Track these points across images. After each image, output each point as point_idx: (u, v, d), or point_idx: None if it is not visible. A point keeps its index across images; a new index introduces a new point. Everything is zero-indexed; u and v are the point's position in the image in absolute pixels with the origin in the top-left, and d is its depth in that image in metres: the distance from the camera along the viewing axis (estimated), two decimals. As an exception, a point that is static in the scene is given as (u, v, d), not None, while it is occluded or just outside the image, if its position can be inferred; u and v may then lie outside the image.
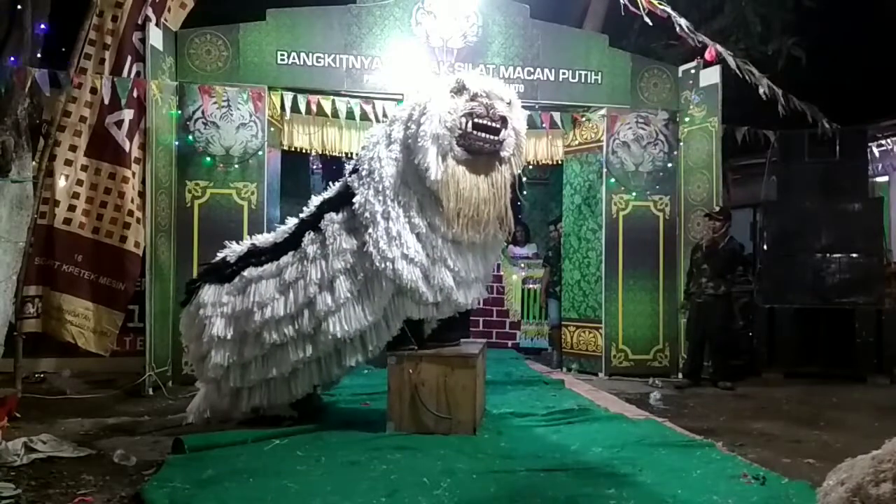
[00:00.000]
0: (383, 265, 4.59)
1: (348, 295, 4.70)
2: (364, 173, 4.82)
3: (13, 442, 4.20)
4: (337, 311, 4.70)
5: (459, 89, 4.69)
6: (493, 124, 4.64)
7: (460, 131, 4.60)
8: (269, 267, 4.94)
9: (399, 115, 4.92)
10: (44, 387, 6.53)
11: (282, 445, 4.41)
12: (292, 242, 4.98)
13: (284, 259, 4.93)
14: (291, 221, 5.23)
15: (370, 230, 4.65)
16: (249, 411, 5.01)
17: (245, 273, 4.97)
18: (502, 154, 4.75)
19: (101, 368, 6.93)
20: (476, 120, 4.61)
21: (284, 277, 4.86)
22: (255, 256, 5.06)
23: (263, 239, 5.28)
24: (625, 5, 7.21)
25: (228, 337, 4.89)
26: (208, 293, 5.01)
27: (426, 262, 4.65)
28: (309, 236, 4.91)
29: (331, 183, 5.39)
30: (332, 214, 4.88)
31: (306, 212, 5.13)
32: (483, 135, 4.64)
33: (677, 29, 7.43)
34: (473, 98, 4.65)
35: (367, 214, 4.68)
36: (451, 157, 4.61)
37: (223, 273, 5.08)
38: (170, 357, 6.71)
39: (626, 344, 7.83)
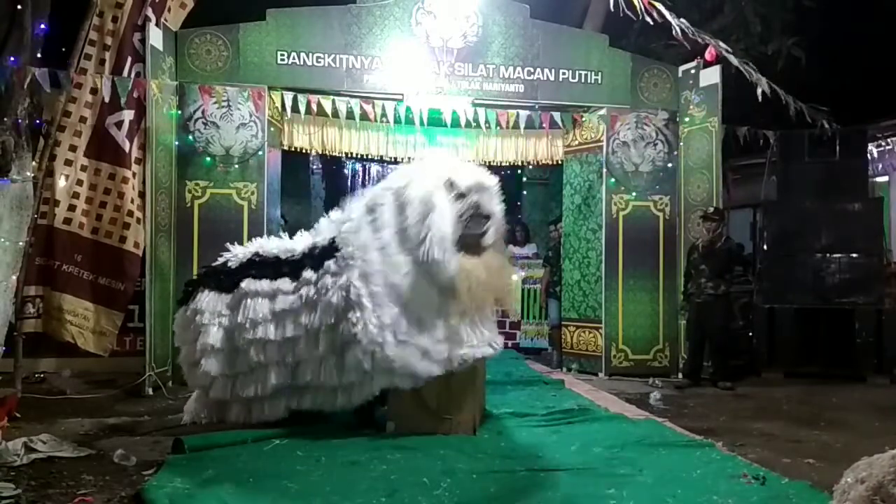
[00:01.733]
0: (372, 348, 4.51)
1: (329, 350, 4.68)
2: (347, 254, 4.71)
3: (13, 442, 4.20)
4: (313, 361, 4.71)
5: (450, 186, 4.75)
6: (482, 222, 4.82)
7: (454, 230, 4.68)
8: (265, 285, 4.87)
9: (382, 201, 4.80)
10: (44, 387, 6.53)
11: (282, 445, 4.41)
12: (293, 267, 4.91)
13: (281, 283, 4.86)
14: (304, 237, 5.17)
15: (357, 312, 4.54)
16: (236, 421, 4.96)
17: (243, 285, 4.91)
18: (487, 242, 4.86)
19: (101, 368, 6.92)
20: (467, 220, 4.74)
21: (276, 305, 4.80)
22: (256, 267, 5.00)
23: (269, 247, 5.18)
24: (621, 7, 7.22)
25: (221, 347, 4.85)
26: (207, 300, 4.95)
27: (426, 342, 4.58)
28: (307, 274, 4.83)
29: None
30: (330, 263, 4.78)
31: (321, 234, 5.05)
32: (472, 231, 4.77)
33: (674, 32, 7.43)
34: (460, 197, 4.74)
35: (352, 297, 4.56)
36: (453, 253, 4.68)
37: (224, 281, 5.01)
38: (170, 357, 6.69)
39: (626, 344, 7.83)
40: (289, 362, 4.78)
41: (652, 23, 7.43)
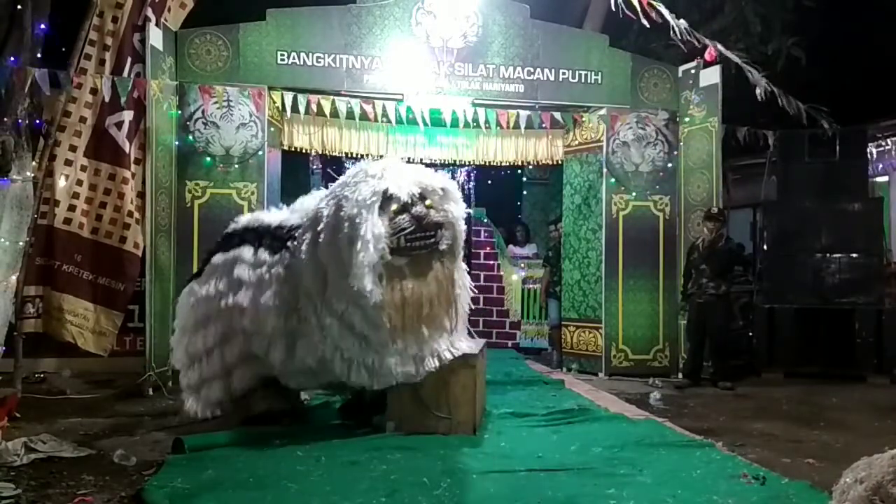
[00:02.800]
0: (319, 355, 4.52)
1: (278, 333, 4.66)
2: (296, 261, 4.64)
3: (13, 442, 4.20)
4: (262, 336, 4.70)
5: (387, 199, 4.39)
6: (428, 233, 4.45)
7: (392, 247, 4.37)
8: (226, 257, 4.95)
9: (326, 211, 4.52)
10: (44, 387, 6.53)
11: (282, 445, 4.41)
12: (250, 239, 4.93)
13: (239, 252, 4.89)
14: (282, 211, 5.20)
15: (309, 323, 4.53)
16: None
17: (213, 259, 5.03)
18: (441, 248, 4.54)
19: (101, 368, 6.92)
20: (409, 235, 4.39)
21: (234, 274, 4.83)
22: (227, 240, 5.12)
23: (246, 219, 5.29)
24: (621, 8, 7.22)
25: (192, 324, 4.95)
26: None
27: (372, 360, 4.48)
28: (263, 255, 4.80)
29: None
30: (286, 255, 4.72)
31: (296, 212, 5.00)
32: (418, 244, 4.44)
33: (672, 34, 7.41)
34: (404, 209, 4.39)
35: (304, 314, 4.56)
36: (387, 269, 4.39)
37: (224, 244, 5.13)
38: (169, 357, 6.69)
39: (626, 344, 7.83)
40: (246, 330, 4.78)
41: (648, 25, 7.42)
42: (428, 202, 4.48)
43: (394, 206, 4.40)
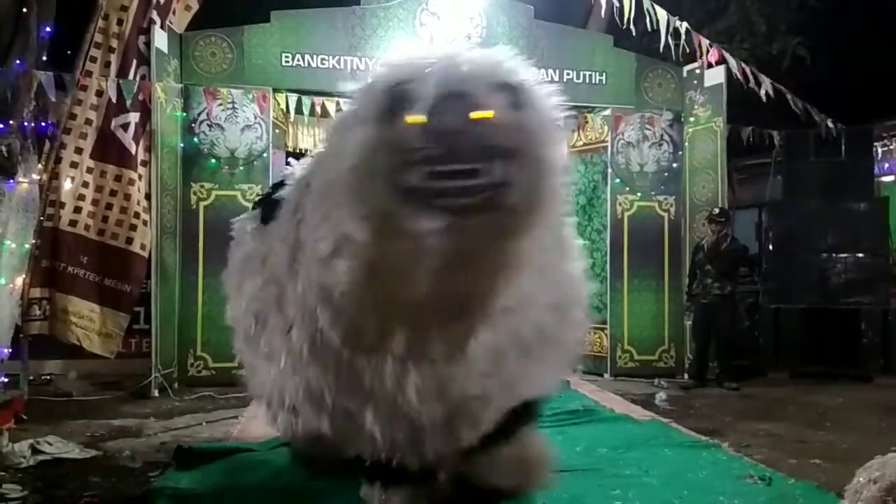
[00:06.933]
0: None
1: None
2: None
3: (19, 444, 4.21)
4: None
5: (397, 102, 2.08)
6: (464, 167, 2.00)
7: (401, 190, 2.03)
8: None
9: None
10: (50, 389, 6.55)
11: (286, 446, 4.41)
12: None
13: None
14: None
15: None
16: None
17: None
18: (509, 203, 2.04)
19: (107, 370, 6.93)
20: (429, 168, 2.00)
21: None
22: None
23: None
24: (615, 13, 7.20)
25: None
26: None
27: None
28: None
29: None
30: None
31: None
32: (449, 185, 2.00)
33: (670, 37, 7.37)
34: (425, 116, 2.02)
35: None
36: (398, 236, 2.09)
37: None
38: (175, 359, 6.72)
39: (631, 344, 7.82)
40: None
41: (634, 32, 7.37)
42: (476, 113, 1.99)
43: (408, 118, 2.03)
